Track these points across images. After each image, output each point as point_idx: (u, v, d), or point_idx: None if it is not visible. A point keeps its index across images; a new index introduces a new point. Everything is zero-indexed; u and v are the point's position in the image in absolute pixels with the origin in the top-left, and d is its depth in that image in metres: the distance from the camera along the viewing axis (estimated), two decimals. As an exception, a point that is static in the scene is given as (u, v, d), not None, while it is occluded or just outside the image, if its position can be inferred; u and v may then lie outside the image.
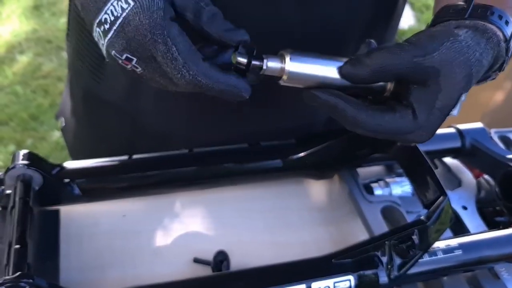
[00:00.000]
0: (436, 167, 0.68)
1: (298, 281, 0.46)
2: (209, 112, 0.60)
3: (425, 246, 0.47)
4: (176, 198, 0.59)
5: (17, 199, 0.47)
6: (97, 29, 0.37)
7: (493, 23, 0.43)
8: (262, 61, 0.41)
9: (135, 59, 0.37)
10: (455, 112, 0.44)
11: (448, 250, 0.50)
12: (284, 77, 0.42)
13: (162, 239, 0.56)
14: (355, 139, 0.56)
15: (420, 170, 0.53)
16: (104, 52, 0.39)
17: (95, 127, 0.66)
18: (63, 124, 0.73)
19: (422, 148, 0.64)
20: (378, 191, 0.62)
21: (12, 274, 0.40)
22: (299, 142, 0.59)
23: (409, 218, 0.59)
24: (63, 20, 2.06)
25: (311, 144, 0.58)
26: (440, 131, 0.67)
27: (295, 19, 0.52)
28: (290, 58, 0.41)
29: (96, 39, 0.39)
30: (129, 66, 0.38)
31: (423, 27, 0.50)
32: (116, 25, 0.36)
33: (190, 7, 0.38)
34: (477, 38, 0.42)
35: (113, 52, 0.37)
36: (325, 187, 0.63)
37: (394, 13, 0.62)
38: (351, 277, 0.47)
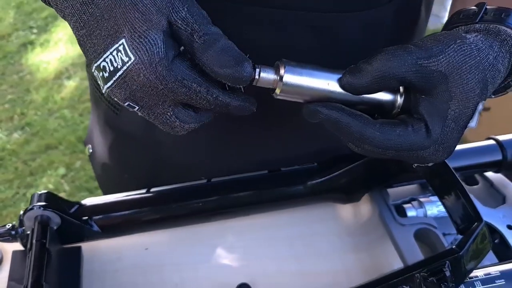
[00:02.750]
0: (477, 183, 0.63)
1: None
2: (228, 142, 0.58)
3: (459, 279, 0.43)
4: (198, 229, 0.58)
5: (34, 241, 0.47)
6: (96, 72, 0.36)
7: (509, 25, 0.39)
8: (254, 71, 0.37)
9: (137, 107, 0.36)
10: (473, 123, 0.39)
11: (488, 280, 0.46)
12: (277, 90, 0.38)
13: (184, 272, 0.55)
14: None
15: (452, 190, 0.49)
16: (103, 92, 0.38)
17: (116, 157, 0.66)
18: (90, 151, 0.73)
19: (460, 163, 0.60)
20: (411, 212, 0.58)
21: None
22: (321, 165, 0.56)
23: (447, 241, 0.55)
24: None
25: (335, 167, 0.55)
26: (478, 143, 0.62)
27: (309, 45, 0.50)
28: (285, 69, 0.37)
29: (95, 78, 0.38)
30: (130, 110, 0.37)
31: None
32: (116, 76, 0.34)
33: (183, 39, 0.36)
34: (489, 41, 0.38)
35: (114, 98, 0.36)
36: (354, 211, 0.60)
37: (415, 31, 0.58)
38: (378, 315, 0.44)
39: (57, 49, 2.14)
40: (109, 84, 0.35)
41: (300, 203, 0.57)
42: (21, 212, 0.52)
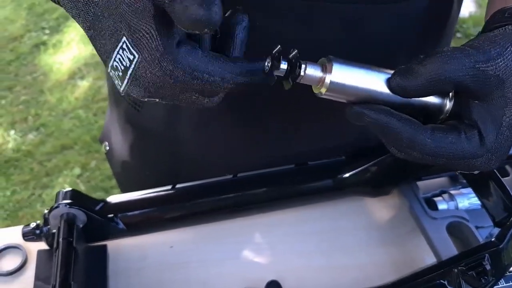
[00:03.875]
0: (508, 174, 0.62)
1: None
2: (252, 137, 0.57)
3: (499, 273, 0.42)
4: (223, 226, 0.57)
5: (60, 239, 0.46)
6: (112, 72, 0.35)
7: None
8: (300, 68, 0.35)
9: (158, 99, 0.35)
10: None
11: (528, 274, 0.44)
12: (323, 89, 0.35)
13: (211, 269, 0.54)
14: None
15: (488, 182, 0.48)
16: (121, 92, 0.37)
17: (137, 155, 0.65)
18: (107, 148, 0.72)
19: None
20: (442, 206, 0.56)
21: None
22: (349, 159, 0.55)
23: (480, 235, 0.53)
24: (118, 43, 2.11)
25: (363, 160, 0.54)
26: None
27: (337, 40, 0.48)
28: (333, 67, 0.35)
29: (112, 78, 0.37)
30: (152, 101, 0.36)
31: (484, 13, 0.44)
32: (128, 75, 0.33)
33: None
34: None
35: (133, 96, 0.35)
36: (383, 204, 0.59)
37: (448, 20, 0.56)
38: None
39: (70, 49, 2.15)
40: (124, 84, 0.34)
41: (328, 197, 0.56)
42: (46, 211, 0.51)
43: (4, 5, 2.30)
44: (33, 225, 0.52)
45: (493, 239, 0.43)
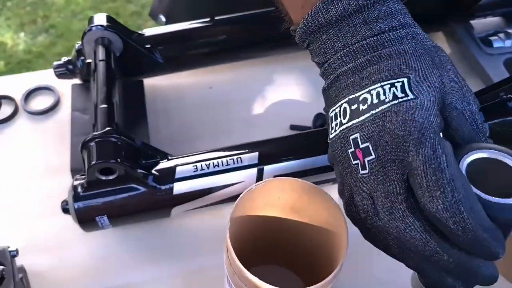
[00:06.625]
0: None
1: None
2: None
3: None
4: (267, 65, 0.54)
5: (98, 61, 0.43)
6: (344, 104, 0.29)
7: None
8: None
9: (373, 156, 0.27)
10: None
11: None
12: None
13: (253, 108, 0.51)
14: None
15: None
16: (332, 130, 0.30)
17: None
18: (163, 20, 0.68)
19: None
20: (498, 44, 0.53)
21: (101, 130, 0.37)
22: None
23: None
24: None
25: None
26: None
27: None
28: None
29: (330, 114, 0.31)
30: (354, 162, 0.28)
31: None
32: (375, 111, 0.27)
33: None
34: None
35: (351, 136, 0.28)
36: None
37: None
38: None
39: (74, -52, 2.03)
40: (360, 118, 0.28)
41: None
42: (77, 44, 0.48)
43: None
44: (64, 59, 0.49)
45: None
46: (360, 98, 0.28)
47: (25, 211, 0.43)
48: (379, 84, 0.28)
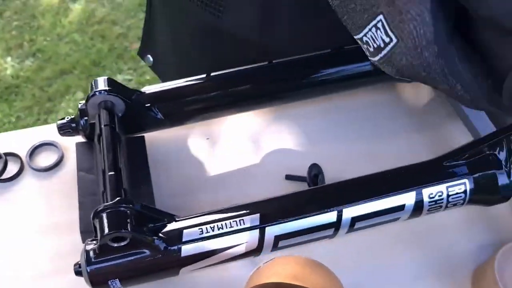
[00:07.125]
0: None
1: (407, 187, 0.42)
2: None
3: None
4: (260, 116, 0.56)
5: (102, 126, 0.45)
6: (360, 42, 0.33)
7: None
8: None
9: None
10: None
11: None
12: None
13: (250, 159, 0.54)
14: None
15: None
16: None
17: (211, 56, 0.61)
18: (151, 60, 0.70)
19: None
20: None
21: (111, 200, 0.39)
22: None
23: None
24: (109, -38, 2.01)
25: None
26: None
27: None
28: None
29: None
30: None
31: None
32: (381, 55, 0.31)
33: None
34: None
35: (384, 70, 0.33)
36: (420, 89, 0.58)
37: None
38: (465, 181, 0.42)
39: (58, -30, 2.04)
40: (376, 59, 0.32)
41: (365, 84, 0.55)
42: (80, 104, 0.49)
43: None
44: (67, 118, 0.51)
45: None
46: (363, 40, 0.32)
47: (33, 268, 0.45)
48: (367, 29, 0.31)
